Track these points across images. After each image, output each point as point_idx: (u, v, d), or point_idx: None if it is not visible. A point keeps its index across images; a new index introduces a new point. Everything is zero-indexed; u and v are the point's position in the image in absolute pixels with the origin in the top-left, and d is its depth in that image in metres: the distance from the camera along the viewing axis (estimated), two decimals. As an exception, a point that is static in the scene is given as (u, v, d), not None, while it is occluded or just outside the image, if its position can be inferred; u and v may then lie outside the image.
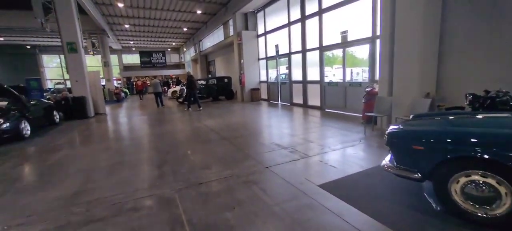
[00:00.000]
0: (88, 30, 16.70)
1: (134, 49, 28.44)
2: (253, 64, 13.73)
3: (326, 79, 9.24)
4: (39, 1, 9.46)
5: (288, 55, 11.01)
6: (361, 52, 8.01)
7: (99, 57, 19.55)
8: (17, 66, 23.36)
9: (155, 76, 18.08)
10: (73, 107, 10.33)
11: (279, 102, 12.17)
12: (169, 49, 30.67)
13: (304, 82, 10.16)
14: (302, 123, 7.52)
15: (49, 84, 24.68)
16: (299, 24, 10.01)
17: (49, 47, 24.30)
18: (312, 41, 9.51)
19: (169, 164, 4.20)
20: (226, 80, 15.69)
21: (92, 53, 18.38)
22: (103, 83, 18.96)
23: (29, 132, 7.20)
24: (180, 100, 14.29)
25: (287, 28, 10.89)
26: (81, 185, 3.49)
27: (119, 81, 27.56)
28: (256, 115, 9.38)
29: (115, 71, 26.41)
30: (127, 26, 17.86)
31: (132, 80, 27.92)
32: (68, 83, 14.31)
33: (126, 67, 29.32)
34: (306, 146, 4.84)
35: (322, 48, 8.99)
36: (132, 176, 3.75)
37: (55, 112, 9.35)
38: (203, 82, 15.73)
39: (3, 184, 3.74)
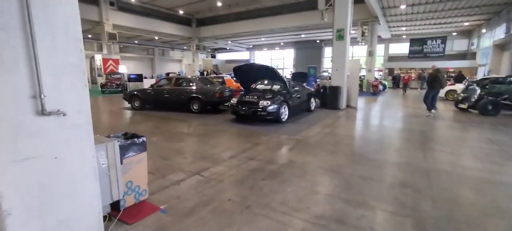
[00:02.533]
0: (360, 19, 16.32)
1: (404, 37, 24.75)
2: None
3: None
4: (323, -7, 10.45)
5: None
6: None
7: (365, 47, 18.95)
8: (308, 57, 29.81)
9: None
10: (328, 97, 10.17)
11: None
12: (454, 34, 23.04)
13: None
14: None
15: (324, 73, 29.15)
16: None
17: (330, 41, 28.27)
18: None
19: None
20: None
21: (361, 43, 18.06)
22: (364, 73, 18.25)
23: (286, 117, 7.49)
24: (462, 106, 9.43)
25: None
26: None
27: (381, 73, 25.76)
28: None
29: (378, 62, 24.87)
30: (403, 7, 14.97)
31: (396, 72, 24.51)
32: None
33: (391, 58, 26.61)
34: None
35: None
36: None
37: (312, 100, 9.55)
38: (517, 81, 9.20)
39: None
